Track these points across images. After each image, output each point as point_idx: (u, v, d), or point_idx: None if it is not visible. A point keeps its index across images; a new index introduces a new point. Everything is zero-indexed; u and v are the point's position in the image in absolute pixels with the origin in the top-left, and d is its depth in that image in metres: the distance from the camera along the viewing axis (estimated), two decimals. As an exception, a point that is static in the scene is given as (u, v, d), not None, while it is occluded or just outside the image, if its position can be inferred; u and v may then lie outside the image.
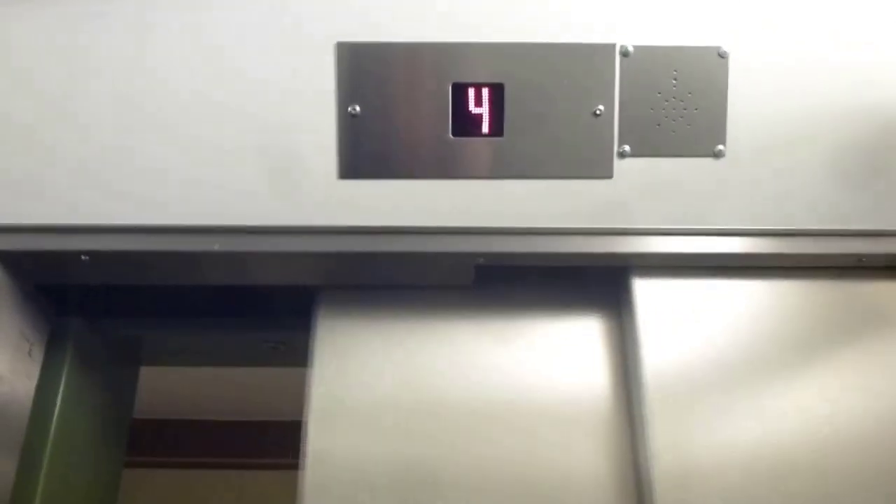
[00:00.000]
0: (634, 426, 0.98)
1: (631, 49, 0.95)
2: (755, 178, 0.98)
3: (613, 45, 0.95)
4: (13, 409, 1.00)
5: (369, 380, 1.01)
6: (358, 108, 0.94)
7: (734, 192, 0.98)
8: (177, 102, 0.93)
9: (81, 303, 1.13)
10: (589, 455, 0.98)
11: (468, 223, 0.98)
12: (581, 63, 0.95)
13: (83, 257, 0.96)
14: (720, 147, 0.97)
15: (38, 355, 1.05)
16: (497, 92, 0.95)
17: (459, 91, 0.95)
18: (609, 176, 0.97)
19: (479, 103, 0.95)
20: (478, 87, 0.95)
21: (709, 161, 0.97)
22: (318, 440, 0.97)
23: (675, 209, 0.99)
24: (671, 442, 0.93)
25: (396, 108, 0.95)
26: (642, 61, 0.95)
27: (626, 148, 0.97)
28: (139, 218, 0.95)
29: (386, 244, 0.97)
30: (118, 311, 1.17)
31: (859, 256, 1.01)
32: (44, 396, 1.05)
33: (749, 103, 0.97)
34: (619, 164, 0.97)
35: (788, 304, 1.03)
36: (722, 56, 0.96)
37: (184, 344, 1.36)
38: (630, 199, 0.98)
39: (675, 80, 0.96)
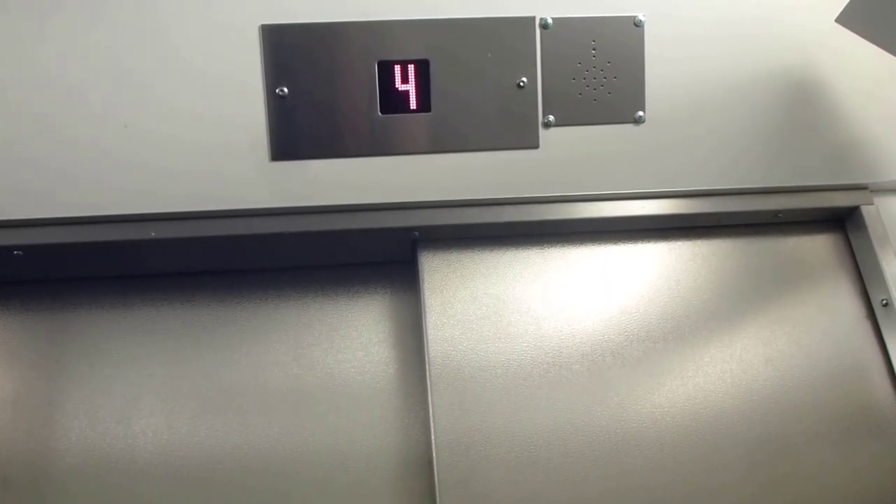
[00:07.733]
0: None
1: (550, 21, 0.98)
2: (675, 142, 1.02)
3: (533, 18, 0.97)
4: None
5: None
6: (286, 90, 0.95)
7: (655, 156, 1.02)
8: (105, 91, 0.93)
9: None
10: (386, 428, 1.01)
11: (402, 198, 1.00)
12: (503, 36, 0.97)
13: (16, 252, 0.96)
14: (640, 113, 1.01)
15: None
16: (422, 68, 0.97)
17: (385, 68, 0.96)
18: (535, 146, 1.00)
19: (405, 80, 0.97)
20: (403, 64, 0.96)
21: (630, 127, 1.01)
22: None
23: (600, 175, 1.02)
24: (451, 412, 0.96)
25: (324, 88, 0.96)
26: (562, 33, 0.98)
27: (551, 118, 1.00)
28: (73, 210, 0.95)
29: (321, 223, 0.99)
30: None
31: (776, 212, 1.07)
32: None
33: (666, 70, 1.01)
34: (544, 134, 1.00)
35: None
36: (637, 25, 0.99)
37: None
38: (556, 167, 1.01)
39: (593, 50, 0.99)
